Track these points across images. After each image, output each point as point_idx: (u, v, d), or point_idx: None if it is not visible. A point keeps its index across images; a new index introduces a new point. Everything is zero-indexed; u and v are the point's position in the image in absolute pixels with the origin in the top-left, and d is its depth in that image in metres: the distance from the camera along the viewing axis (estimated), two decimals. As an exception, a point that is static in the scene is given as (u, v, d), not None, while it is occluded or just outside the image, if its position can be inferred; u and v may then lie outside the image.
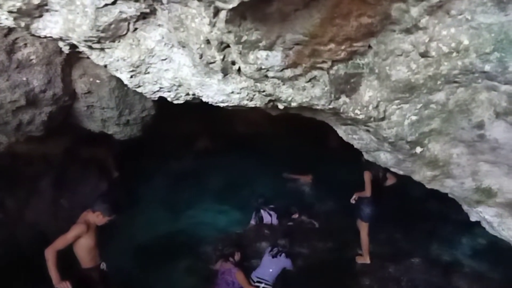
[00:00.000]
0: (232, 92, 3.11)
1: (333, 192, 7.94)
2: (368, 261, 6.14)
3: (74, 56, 4.09)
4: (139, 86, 3.18)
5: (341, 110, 3.03)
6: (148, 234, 7.51)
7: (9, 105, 3.61)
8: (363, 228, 5.96)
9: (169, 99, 3.44)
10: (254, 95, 3.16)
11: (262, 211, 7.48)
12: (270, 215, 7.43)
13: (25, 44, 3.63)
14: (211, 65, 2.85)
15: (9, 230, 6.65)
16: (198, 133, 11.36)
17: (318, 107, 3.07)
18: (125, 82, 3.15)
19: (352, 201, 5.88)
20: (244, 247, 6.31)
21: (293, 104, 3.09)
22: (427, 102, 2.67)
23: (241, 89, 3.08)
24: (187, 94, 3.32)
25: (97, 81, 4.06)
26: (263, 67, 2.73)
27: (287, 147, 10.57)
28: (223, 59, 2.77)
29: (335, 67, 2.77)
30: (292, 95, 3.01)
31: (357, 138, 3.50)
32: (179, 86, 3.22)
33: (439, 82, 2.51)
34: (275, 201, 7.89)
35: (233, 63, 2.85)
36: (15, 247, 6.56)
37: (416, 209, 7.50)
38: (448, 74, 2.44)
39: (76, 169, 7.51)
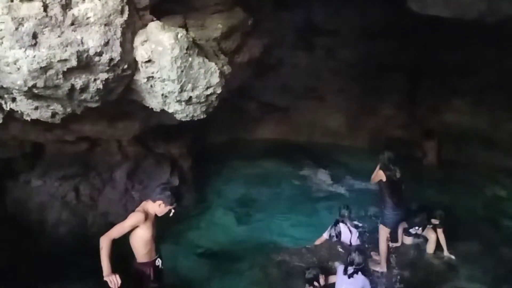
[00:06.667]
0: None
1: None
2: (384, 269, 5.45)
3: (137, 20, 3.45)
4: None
5: None
6: (214, 237, 6.79)
7: (59, 64, 3.04)
8: (383, 233, 5.36)
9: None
10: None
11: (341, 224, 6.02)
12: (351, 232, 6.00)
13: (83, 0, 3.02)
14: None
15: (80, 216, 6.34)
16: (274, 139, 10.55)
17: None
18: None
19: None
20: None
21: None
22: None
23: None
24: None
25: (159, 48, 3.34)
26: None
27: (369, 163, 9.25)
28: None
29: None
30: None
31: None
32: None
33: None
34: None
35: None
36: (84, 235, 6.22)
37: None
38: None
39: (150, 163, 7.08)
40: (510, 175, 8.86)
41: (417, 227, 5.80)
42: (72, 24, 3.08)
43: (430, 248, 5.79)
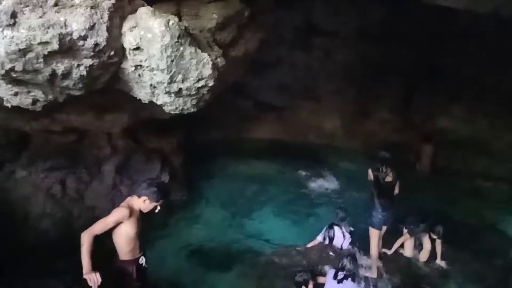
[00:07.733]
0: None
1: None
2: (374, 275, 5.29)
3: (127, 4, 3.23)
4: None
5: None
6: (202, 236, 6.53)
7: (39, 47, 2.81)
8: (373, 235, 5.25)
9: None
10: None
11: (336, 228, 5.84)
12: (344, 237, 5.81)
13: (68, -21, 2.81)
14: None
15: (66, 210, 6.07)
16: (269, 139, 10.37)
17: None
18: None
19: None
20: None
21: None
22: None
23: None
24: None
25: (149, 35, 3.13)
26: None
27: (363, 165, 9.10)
28: None
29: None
30: None
31: None
32: None
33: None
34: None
35: None
36: (69, 229, 5.96)
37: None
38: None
39: (140, 158, 6.85)
40: (504, 182, 8.77)
41: (421, 233, 5.66)
42: (56, 5, 2.85)
43: (423, 256, 5.64)
